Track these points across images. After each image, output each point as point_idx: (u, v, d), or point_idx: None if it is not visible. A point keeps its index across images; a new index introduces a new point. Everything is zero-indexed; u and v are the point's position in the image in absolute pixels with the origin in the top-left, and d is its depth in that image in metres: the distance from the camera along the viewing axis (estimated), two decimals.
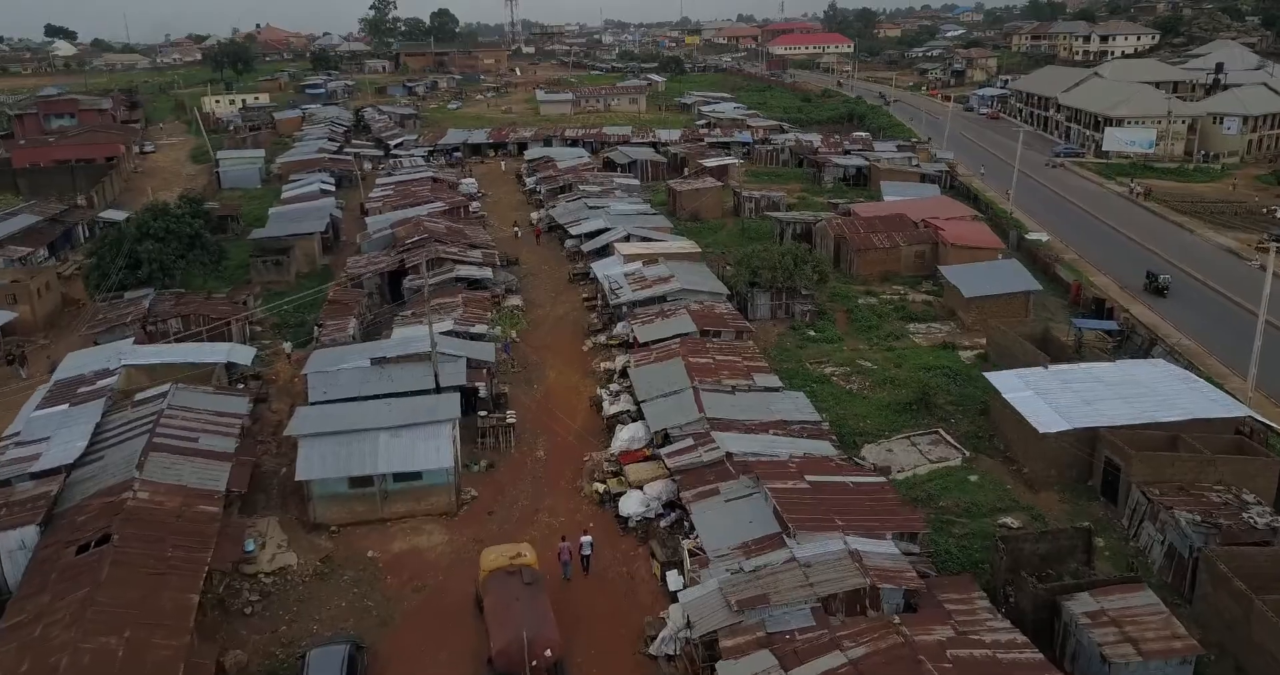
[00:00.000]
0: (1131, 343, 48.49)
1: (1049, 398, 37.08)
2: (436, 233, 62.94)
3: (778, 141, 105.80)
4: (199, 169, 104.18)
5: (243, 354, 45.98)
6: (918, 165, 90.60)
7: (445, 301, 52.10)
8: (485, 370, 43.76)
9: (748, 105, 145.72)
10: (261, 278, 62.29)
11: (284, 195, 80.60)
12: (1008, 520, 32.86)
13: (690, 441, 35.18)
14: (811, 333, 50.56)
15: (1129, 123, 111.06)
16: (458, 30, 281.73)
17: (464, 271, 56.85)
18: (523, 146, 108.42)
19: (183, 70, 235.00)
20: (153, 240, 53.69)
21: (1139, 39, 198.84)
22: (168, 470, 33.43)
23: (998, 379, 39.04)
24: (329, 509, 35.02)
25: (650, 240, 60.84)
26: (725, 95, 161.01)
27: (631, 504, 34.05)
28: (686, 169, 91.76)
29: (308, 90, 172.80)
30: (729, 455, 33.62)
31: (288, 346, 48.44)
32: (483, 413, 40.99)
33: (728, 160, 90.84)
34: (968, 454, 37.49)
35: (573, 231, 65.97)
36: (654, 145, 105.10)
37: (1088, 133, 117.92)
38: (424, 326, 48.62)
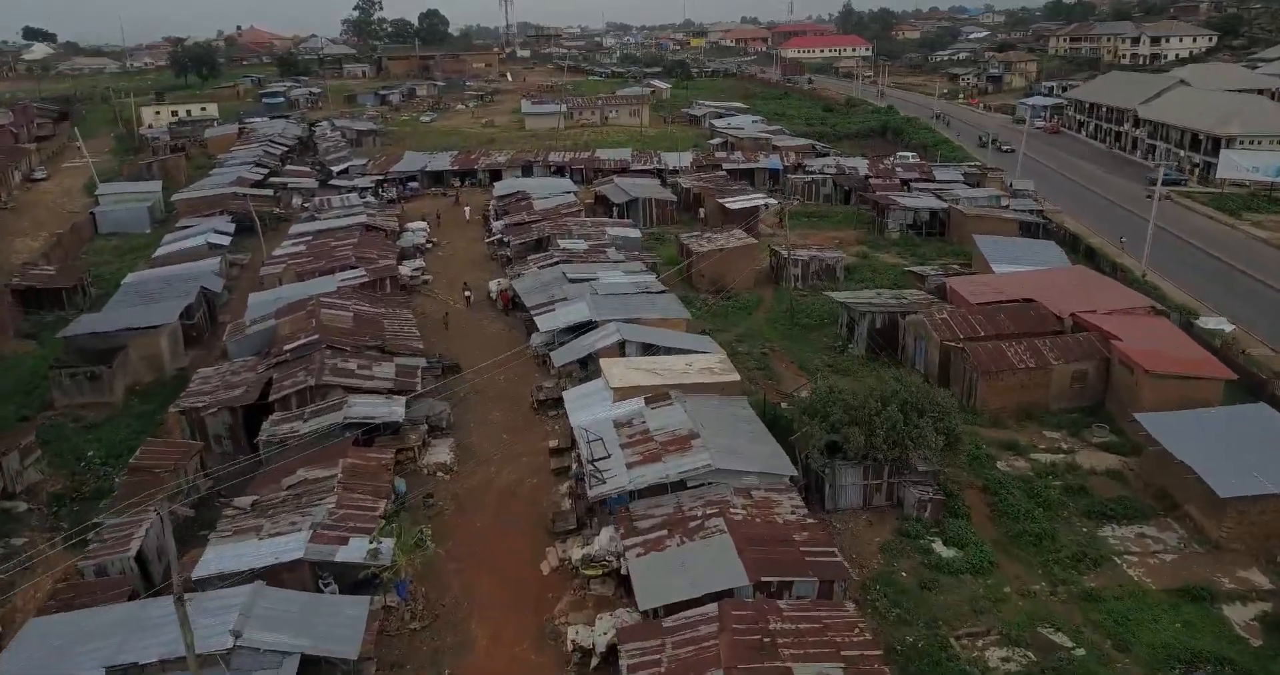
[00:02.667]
0: None
1: None
2: (334, 330, 41.72)
3: (815, 168, 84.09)
4: (90, 203, 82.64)
5: None
6: (1007, 206, 69.24)
7: (313, 478, 30.95)
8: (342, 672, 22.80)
9: (765, 116, 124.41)
10: (68, 400, 41.14)
11: (158, 251, 59.37)
12: None
13: None
14: (938, 546, 29.18)
15: (1240, 143, 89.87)
16: (453, 32, 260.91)
17: (359, 408, 35.56)
18: (496, 175, 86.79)
19: (153, 75, 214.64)
20: None
21: (1195, 41, 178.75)
22: None
23: None
24: None
25: (656, 349, 39.48)
26: (739, 105, 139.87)
27: None
28: (702, 210, 70.46)
29: (265, 99, 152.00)
30: None
31: None
32: None
33: (764, 199, 68.56)
34: None
35: (543, 325, 44.39)
36: (659, 173, 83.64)
37: (1181, 153, 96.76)
38: (263, 541, 27.86)
